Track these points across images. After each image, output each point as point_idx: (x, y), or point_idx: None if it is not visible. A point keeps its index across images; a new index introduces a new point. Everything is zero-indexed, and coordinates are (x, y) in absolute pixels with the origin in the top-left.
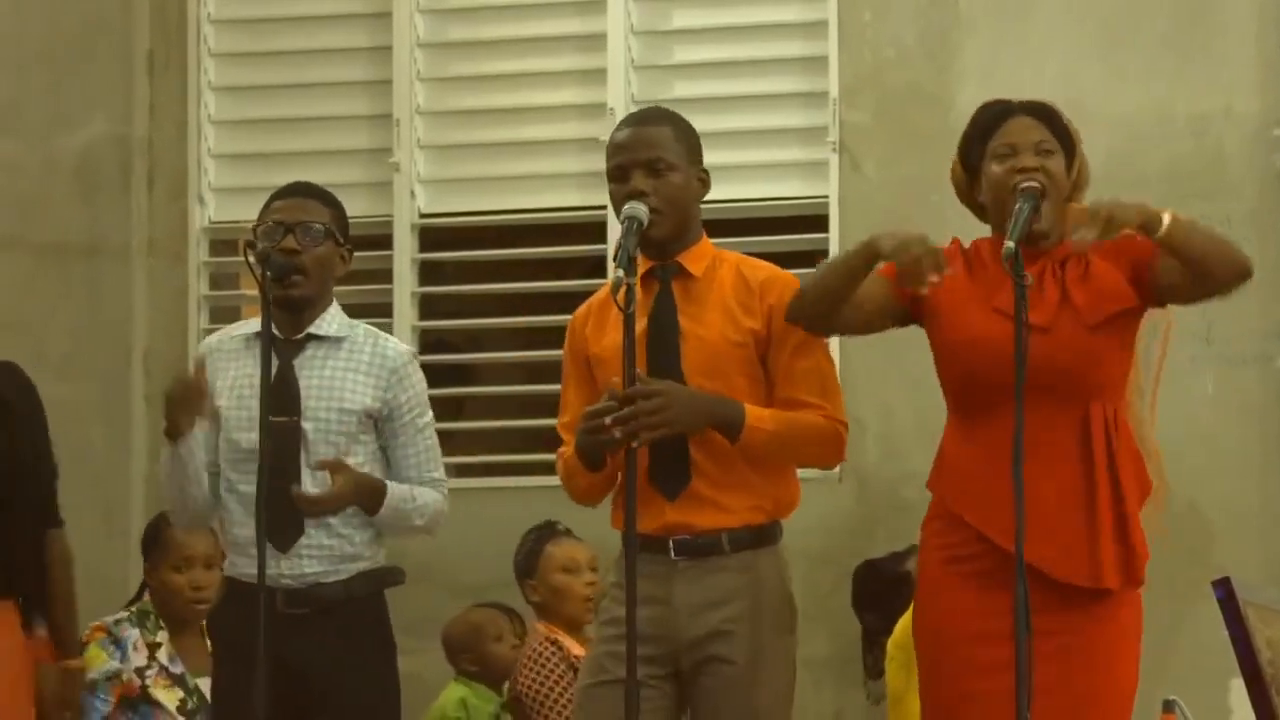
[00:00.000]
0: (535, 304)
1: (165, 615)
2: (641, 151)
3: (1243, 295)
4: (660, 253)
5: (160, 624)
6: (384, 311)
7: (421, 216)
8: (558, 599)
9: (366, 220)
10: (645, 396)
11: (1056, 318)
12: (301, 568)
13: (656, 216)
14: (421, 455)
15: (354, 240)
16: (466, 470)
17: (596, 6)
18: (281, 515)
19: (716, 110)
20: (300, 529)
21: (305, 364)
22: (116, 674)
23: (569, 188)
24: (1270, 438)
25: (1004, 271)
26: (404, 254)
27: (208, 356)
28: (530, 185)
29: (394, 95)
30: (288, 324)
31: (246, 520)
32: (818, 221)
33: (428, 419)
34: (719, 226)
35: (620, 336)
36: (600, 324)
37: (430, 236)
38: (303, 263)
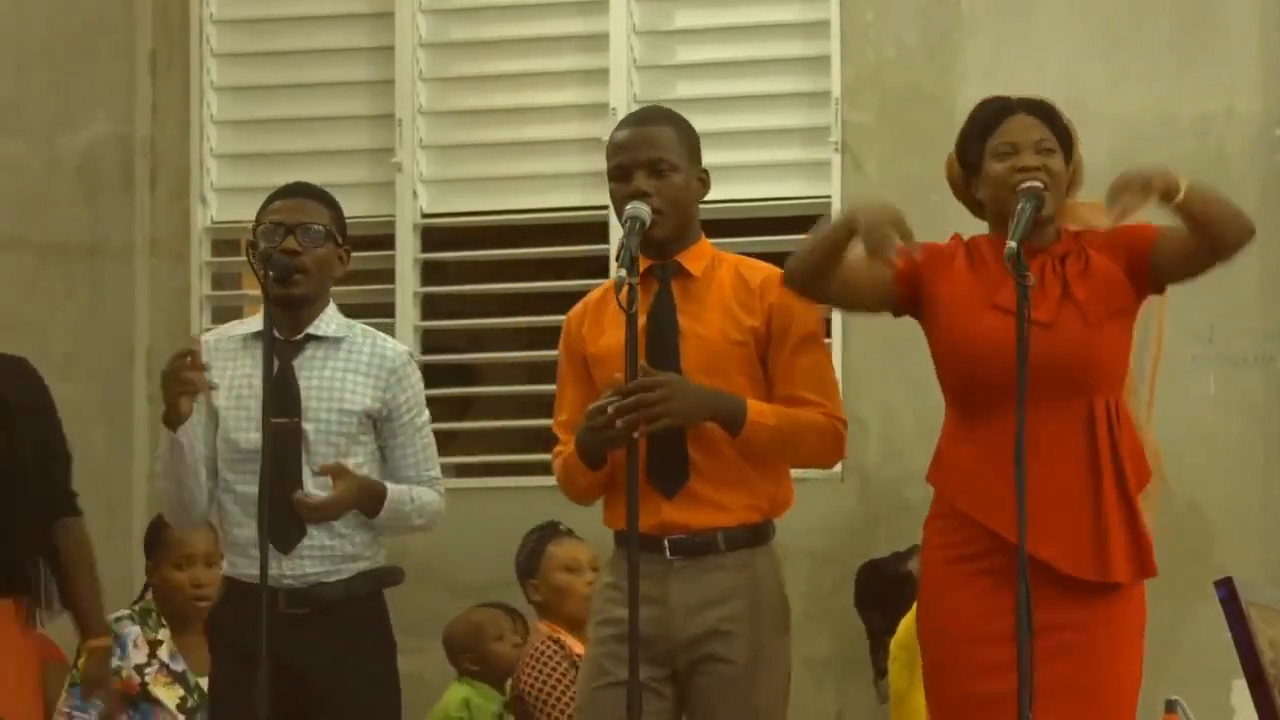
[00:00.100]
0: (537, 304)
1: (167, 613)
2: (644, 151)
3: (1244, 295)
4: (660, 252)
5: (162, 622)
6: (386, 311)
7: (423, 216)
8: (560, 598)
9: (368, 220)
10: (648, 388)
11: (1059, 313)
12: (302, 568)
13: (658, 217)
14: (419, 455)
15: (356, 240)
16: (468, 470)
17: (598, 7)
18: (283, 517)
19: (718, 110)
20: (303, 530)
21: (305, 365)
22: (115, 671)
23: (571, 188)
24: (1272, 438)
25: (1005, 271)
26: (406, 254)
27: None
28: (532, 185)
29: (396, 95)
30: (286, 324)
31: (244, 521)
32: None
33: (425, 418)
34: (721, 226)
35: (620, 335)
36: (597, 323)
37: (432, 236)
38: (304, 263)
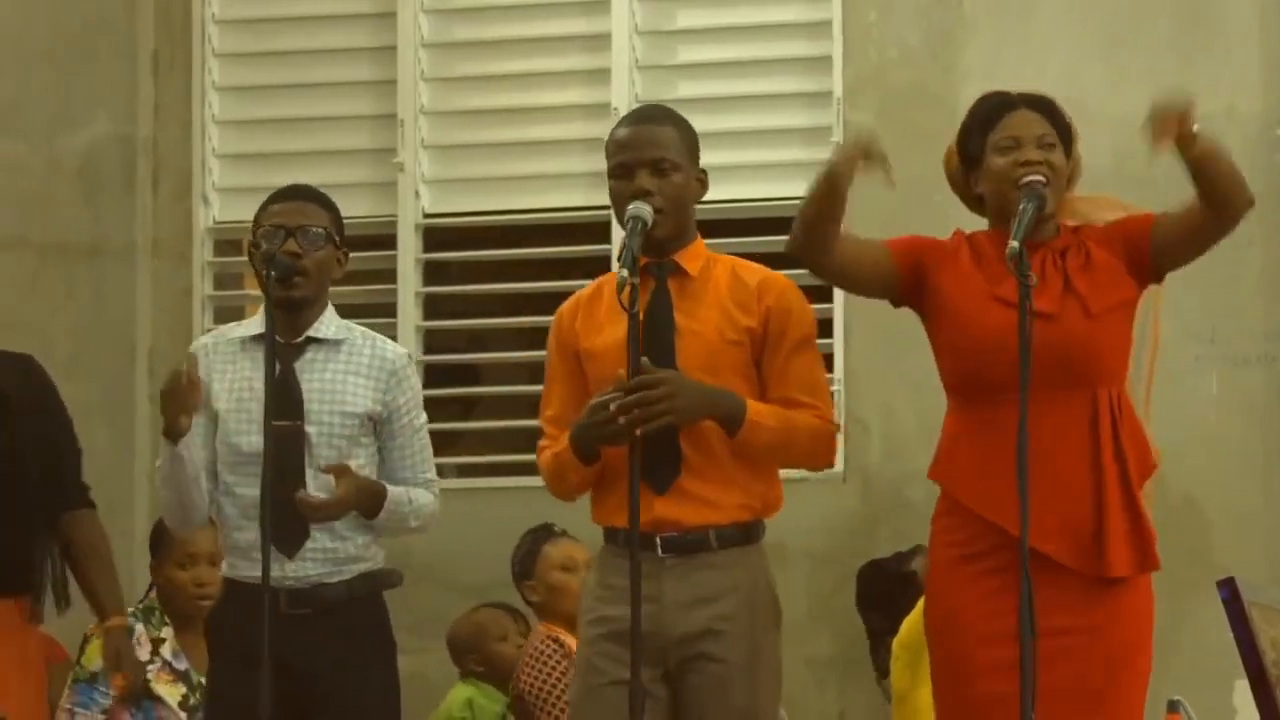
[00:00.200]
0: (539, 304)
1: (170, 612)
2: (647, 151)
3: (1246, 295)
4: (658, 251)
5: (165, 620)
6: (388, 312)
7: (425, 216)
8: (557, 597)
9: (371, 220)
10: (651, 385)
11: (1061, 305)
12: (304, 570)
13: (659, 216)
14: (416, 457)
15: (358, 241)
16: (470, 470)
17: (601, 7)
18: (287, 520)
19: (720, 110)
20: (305, 533)
21: (306, 367)
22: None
23: (573, 188)
24: (1273, 438)
25: (1007, 266)
26: (408, 254)
27: (201, 356)
28: (534, 185)
29: (398, 95)
30: (286, 327)
31: (244, 524)
32: None
33: (423, 420)
34: (723, 226)
35: (616, 332)
36: (590, 319)
37: (434, 236)
38: (304, 265)
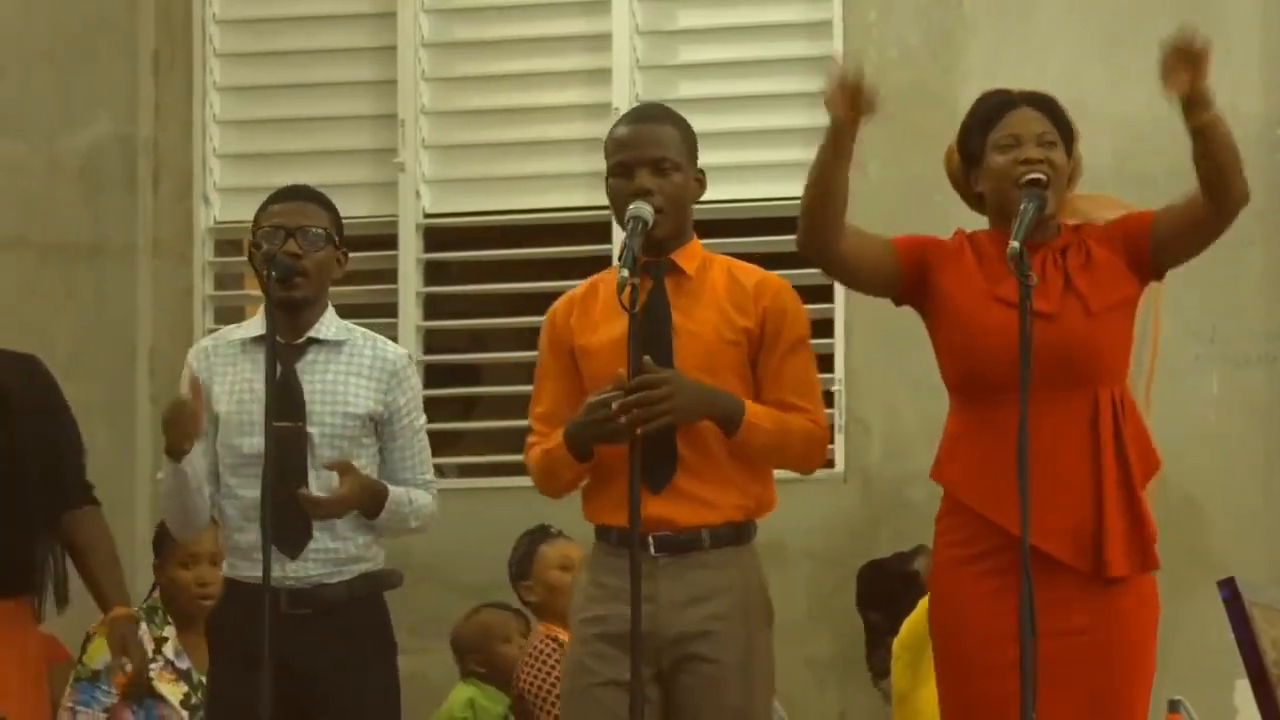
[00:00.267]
0: (540, 304)
1: (173, 611)
2: (649, 150)
3: (1246, 295)
4: (656, 250)
5: (168, 620)
6: (389, 312)
7: (426, 216)
8: (555, 597)
9: (371, 220)
10: (652, 385)
11: (1061, 304)
12: (305, 570)
13: (659, 216)
14: (416, 458)
15: (359, 241)
16: (471, 470)
17: (601, 7)
18: (289, 521)
19: (721, 110)
20: (308, 534)
21: (307, 368)
22: (120, 667)
23: (574, 188)
24: (1274, 437)
25: (1008, 269)
26: (409, 254)
27: (201, 359)
28: (535, 185)
29: (399, 95)
30: (287, 328)
31: (245, 525)
32: None
33: (423, 421)
34: (724, 226)
35: (612, 330)
36: (585, 316)
37: (435, 236)
38: (305, 266)
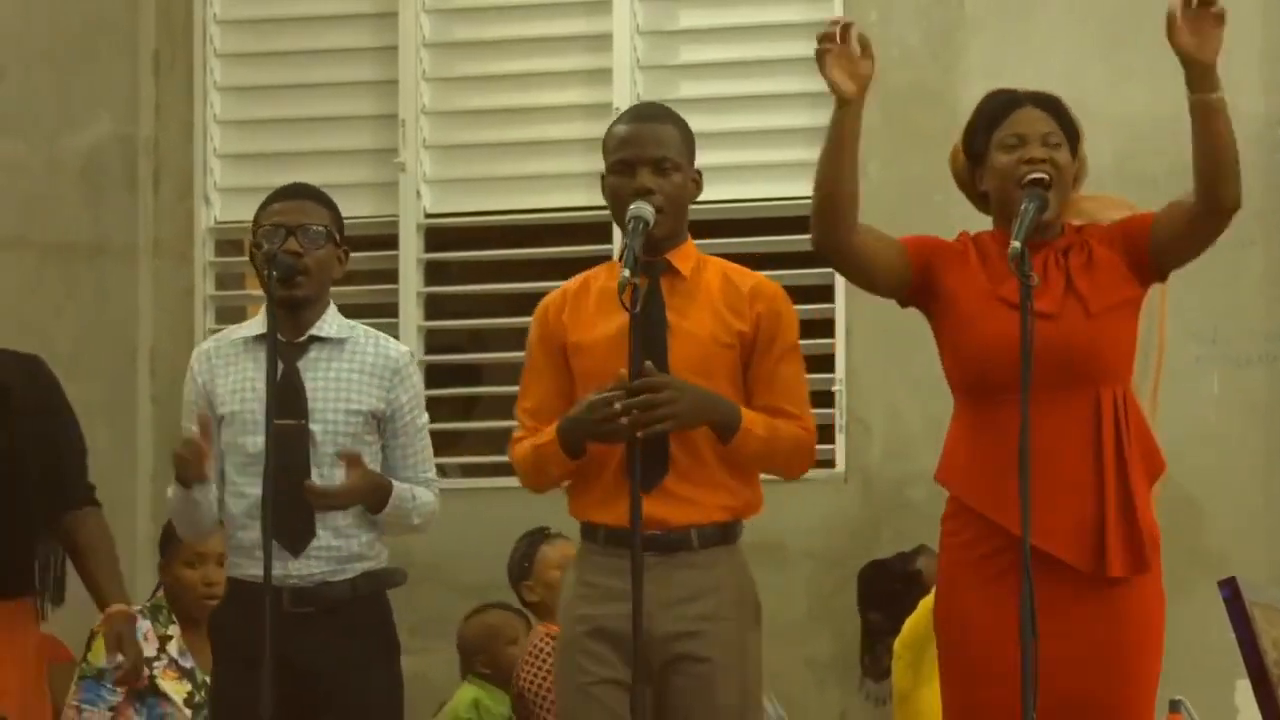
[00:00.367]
0: None
1: (177, 610)
2: (650, 149)
3: (1247, 295)
4: (652, 250)
5: (172, 619)
6: (389, 312)
7: (427, 216)
8: (555, 596)
9: (372, 220)
10: (655, 388)
11: (1062, 305)
12: (308, 568)
13: (660, 216)
14: (419, 455)
15: (360, 241)
16: (473, 470)
17: (602, 7)
18: (292, 519)
19: (722, 110)
20: (311, 532)
21: (309, 366)
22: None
23: (575, 188)
24: (1275, 438)
25: (1009, 269)
26: (409, 254)
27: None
28: (536, 185)
29: (400, 95)
30: (289, 326)
31: (249, 523)
32: None
33: (425, 419)
34: (725, 226)
35: (607, 328)
36: (578, 312)
37: (436, 236)
38: (306, 264)
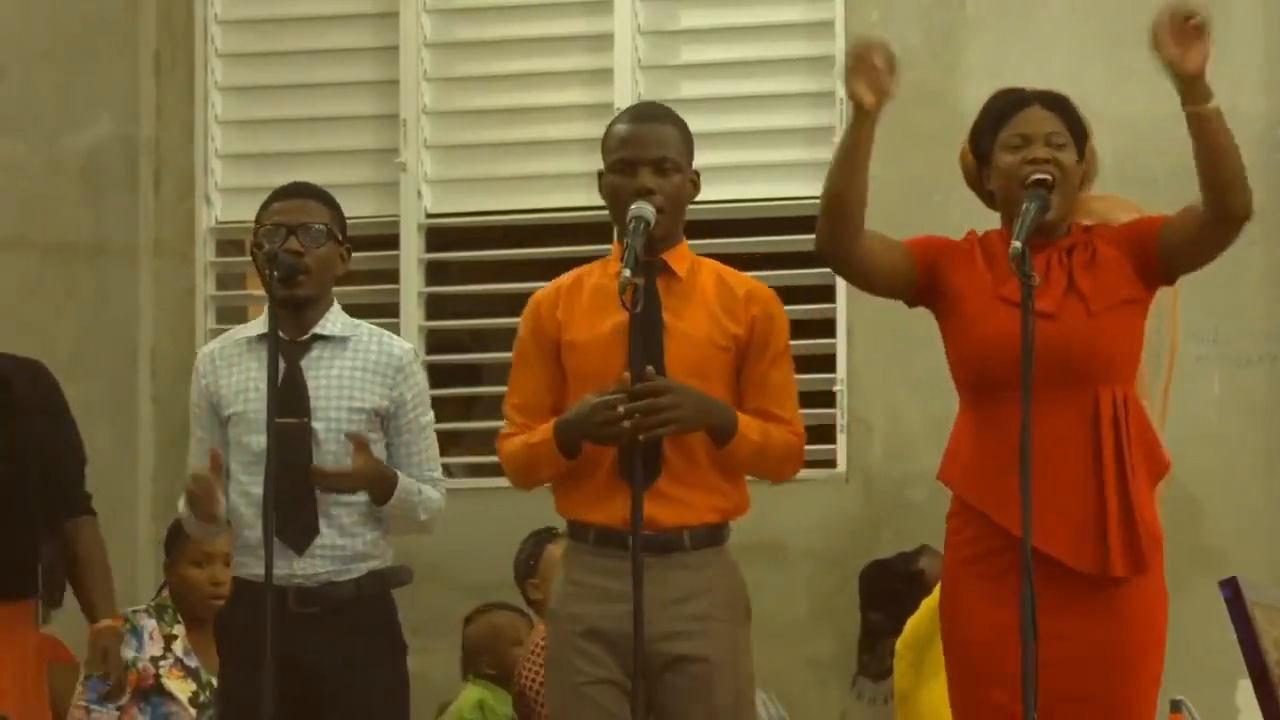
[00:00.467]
0: None
1: (182, 610)
2: (651, 149)
3: (1248, 295)
4: (648, 250)
5: (177, 618)
6: (390, 312)
7: (428, 216)
8: None
9: (373, 220)
10: (659, 392)
11: (1062, 304)
12: (313, 567)
13: (659, 216)
14: (424, 454)
15: (361, 240)
16: (474, 470)
17: (603, 7)
18: (296, 517)
19: (723, 110)
20: (315, 530)
21: (312, 365)
22: (133, 663)
23: (576, 188)
24: (1276, 437)
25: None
26: (410, 254)
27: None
28: (537, 185)
29: (401, 95)
30: (292, 325)
31: (255, 522)
32: None
33: (429, 418)
34: (725, 226)
35: (604, 327)
36: (572, 309)
37: (437, 236)
38: (307, 263)
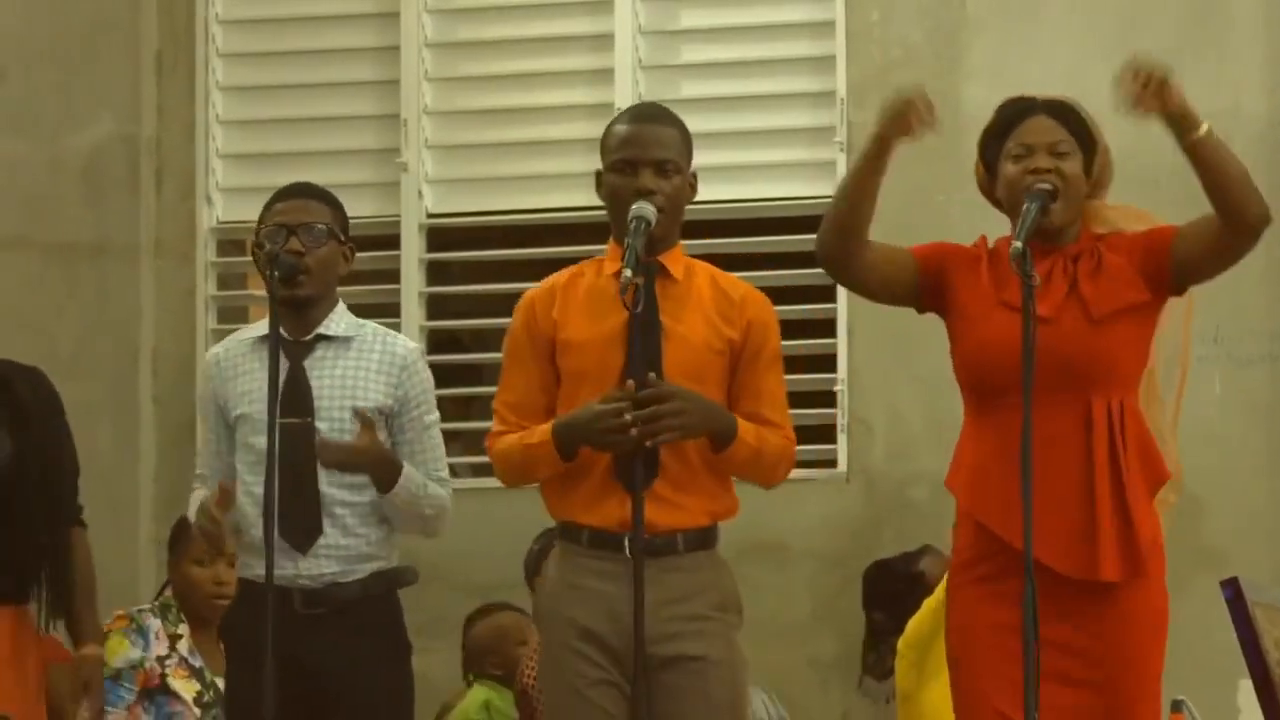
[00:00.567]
0: None
1: (185, 609)
2: (654, 151)
3: (1250, 295)
4: (646, 251)
5: (181, 617)
6: (391, 311)
7: (429, 216)
8: None
9: (374, 220)
10: (664, 398)
11: (1061, 310)
12: (319, 568)
13: (660, 216)
14: (429, 453)
15: (362, 240)
16: (475, 470)
17: (604, 7)
18: (299, 517)
19: (724, 110)
20: (318, 529)
21: (316, 365)
22: (140, 663)
23: (576, 188)
24: (1277, 437)
25: (1012, 270)
26: (411, 254)
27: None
28: (538, 185)
29: (402, 95)
30: (296, 325)
31: (260, 522)
32: None
33: (435, 417)
34: (726, 226)
35: (601, 328)
36: (568, 308)
37: (438, 236)
38: (307, 263)
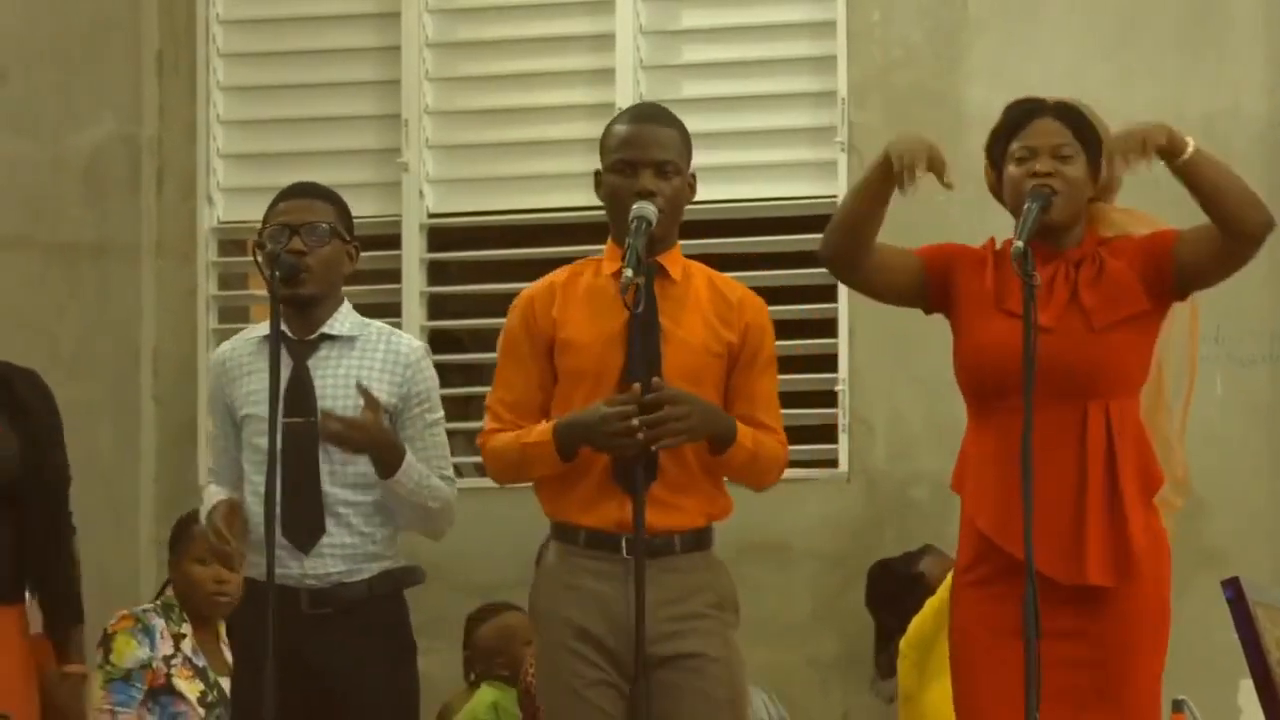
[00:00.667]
0: None
1: (187, 609)
2: (654, 152)
3: (1251, 295)
4: (646, 252)
5: (184, 616)
6: (392, 311)
7: (430, 216)
8: None
9: (375, 220)
10: (668, 403)
11: (1062, 318)
12: (324, 567)
13: (659, 217)
14: (433, 450)
15: (362, 240)
16: (477, 469)
17: (605, 6)
18: (302, 517)
19: (725, 110)
20: (321, 529)
21: (319, 364)
22: (148, 662)
23: (577, 188)
24: (1278, 437)
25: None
26: (412, 254)
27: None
28: (539, 185)
29: (402, 95)
30: (300, 325)
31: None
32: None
33: (439, 415)
34: (727, 226)
35: (601, 328)
36: (567, 308)
37: (438, 236)
38: (309, 263)
